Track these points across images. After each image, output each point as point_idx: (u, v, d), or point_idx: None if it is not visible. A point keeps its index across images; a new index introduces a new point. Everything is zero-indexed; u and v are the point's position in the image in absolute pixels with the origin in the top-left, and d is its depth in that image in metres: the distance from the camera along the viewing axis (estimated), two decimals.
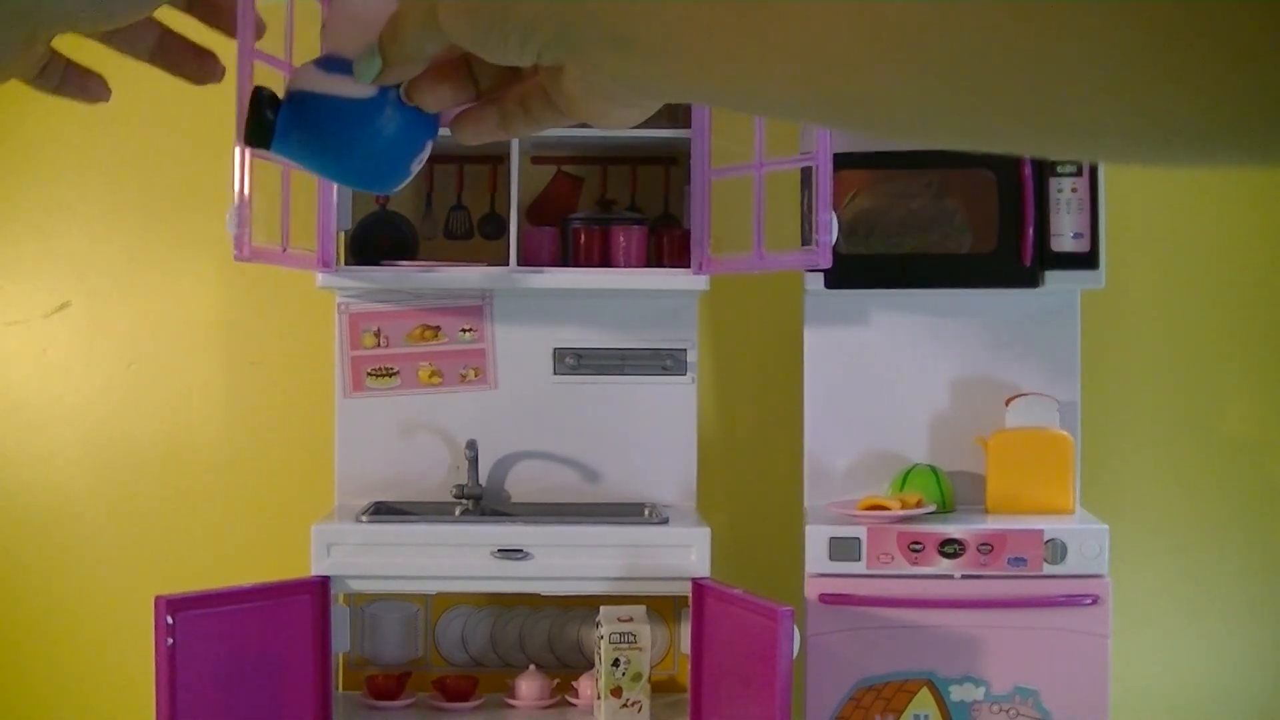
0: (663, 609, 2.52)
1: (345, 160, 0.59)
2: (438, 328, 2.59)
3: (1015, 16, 0.32)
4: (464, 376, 2.60)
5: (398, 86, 0.57)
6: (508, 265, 2.47)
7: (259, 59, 2.05)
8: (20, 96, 2.82)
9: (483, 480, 2.55)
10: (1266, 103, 0.30)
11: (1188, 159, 0.34)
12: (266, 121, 0.58)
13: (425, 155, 0.60)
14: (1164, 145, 0.33)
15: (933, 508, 2.41)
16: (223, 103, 1.88)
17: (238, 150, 2.19)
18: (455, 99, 0.58)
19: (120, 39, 0.61)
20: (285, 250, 2.31)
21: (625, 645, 2.35)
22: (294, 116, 0.59)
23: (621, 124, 0.53)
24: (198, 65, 0.64)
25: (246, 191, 2.11)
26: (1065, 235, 2.47)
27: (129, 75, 0.74)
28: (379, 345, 2.59)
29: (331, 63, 0.58)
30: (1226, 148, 0.33)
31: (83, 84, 0.64)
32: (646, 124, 0.69)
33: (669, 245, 2.58)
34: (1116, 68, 0.31)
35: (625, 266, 2.51)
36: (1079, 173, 2.46)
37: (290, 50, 2.47)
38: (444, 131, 0.58)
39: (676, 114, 2.50)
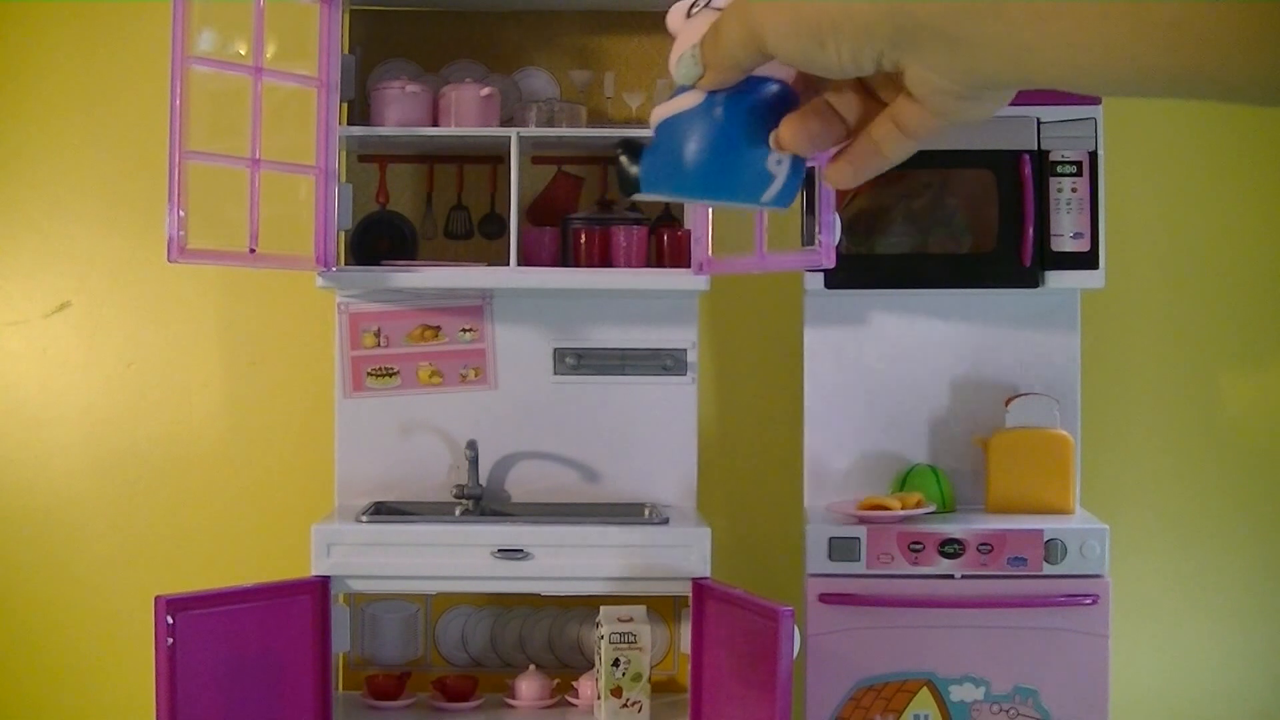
0: (663, 609, 2.52)
1: (696, 172, 0.58)
2: (438, 328, 2.59)
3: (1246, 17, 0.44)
4: (464, 376, 2.60)
5: (730, 94, 0.58)
6: (508, 265, 2.46)
7: (199, 63, 2.05)
8: (20, 97, 2.82)
9: (483, 480, 2.55)
10: None
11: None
12: (628, 173, 0.60)
13: (784, 158, 0.59)
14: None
15: (933, 508, 2.41)
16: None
17: (171, 153, 2.22)
18: (826, 137, 0.59)
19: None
20: (253, 252, 2.31)
21: (625, 645, 2.35)
22: (650, 153, 0.59)
23: (978, 118, 0.56)
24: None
25: (179, 193, 2.14)
26: (1065, 235, 2.47)
27: (129, 75, 0.74)
28: (379, 345, 2.59)
29: (673, 91, 0.60)
30: None
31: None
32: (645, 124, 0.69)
33: (669, 245, 2.58)
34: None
35: (625, 266, 2.51)
36: (1079, 173, 2.46)
37: (259, 52, 2.47)
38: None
39: None
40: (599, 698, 2.37)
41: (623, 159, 0.60)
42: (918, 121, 0.56)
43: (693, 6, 0.60)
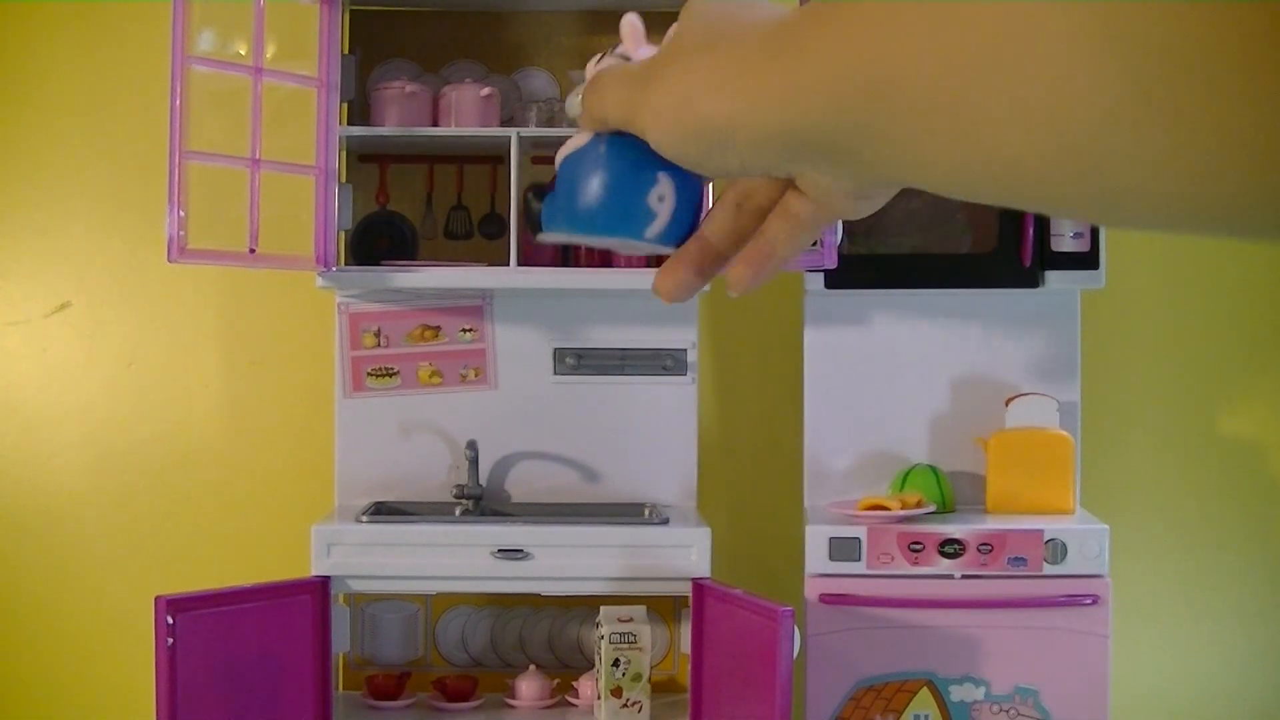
0: (663, 609, 2.52)
1: (582, 209, 0.59)
2: (438, 328, 2.59)
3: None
4: (464, 376, 2.60)
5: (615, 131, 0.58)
6: (508, 265, 2.46)
7: (199, 63, 2.05)
8: (20, 96, 2.82)
9: (483, 480, 2.55)
10: None
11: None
12: (533, 210, 0.61)
13: (666, 191, 0.59)
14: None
15: (933, 508, 2.41)
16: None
17: (171, 153, 2.22)
18: (699, 279, 0.59)
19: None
20: (253, 252, 2.31)
21: (625, 645, 2.35)
22: (550, 194, 0.60)
23: (866, 213, 0.55)
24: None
25: (179, 193, 2.14)
26: (1065, 235, 2.47)
27: (129, 75, 0.74)
28: (379, 345, 2.59)
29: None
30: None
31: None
32: None
33: None
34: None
35: (625, 266, 2.51)
36: None
37: (259, 52, 2.47)
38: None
39: None
40: (599, 698, 2.37)
41: (530, 200, 0.61)
42: (811, 215, 0.56)
43: (602, 56, 0.61)
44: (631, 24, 0.61)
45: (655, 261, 2.70)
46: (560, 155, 0.60)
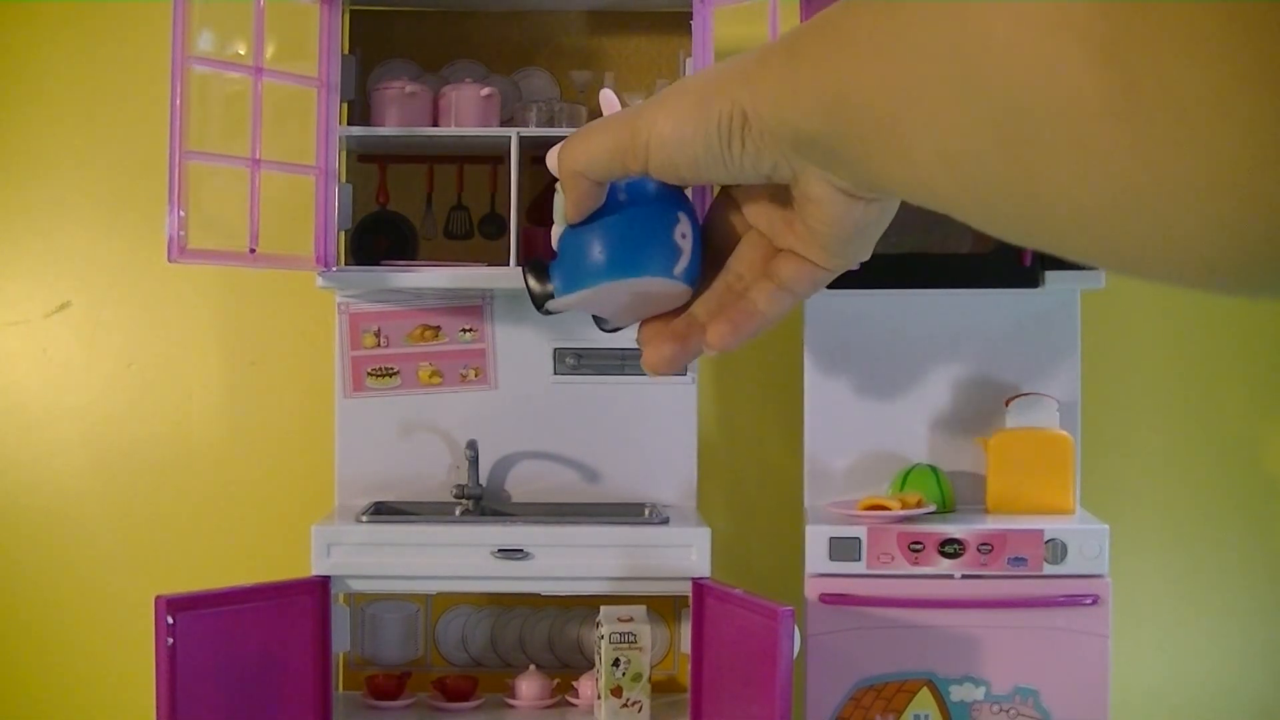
0: (663, 609, 2.52)
1: (609, 256, 0.59)
2: (438, 328, 2.59)
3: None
4: (464, 376, 2.60)
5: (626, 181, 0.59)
6: (508, 265, 2.46)
7: (199, 63, 2.05)
8: (20, 97, 2.82)
9: (483, 480, 2.55)
10: None
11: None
12: (535, 290, 0.61)
13: (687, 229, 0.60)
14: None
15: (933, 508, 2.41)
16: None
17: (171, 153, 2.22)
18: (683, 355, 0.61)
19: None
20: (253, 252, 2.31)
21: (625, 645, 2.35)
22: (558, 265, 0.61)
23: (853, 261, 0.56)
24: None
25: (179, 193, 2.13)
26: None
27: (129, 75, 0.74)
28: (379, 345, 2.59)
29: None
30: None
31: None
32: None
33: None
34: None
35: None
36: None
37: (259, 52, 2.47)
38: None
39: None
40: (599, 697, 2.37)
41: (529, 280, 0.60)
42: (794, 278, 0.57)
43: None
44: (608, 98, 0.63)
45: None
46: (555, 233, 0.60)
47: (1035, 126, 0.34)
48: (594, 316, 0.62)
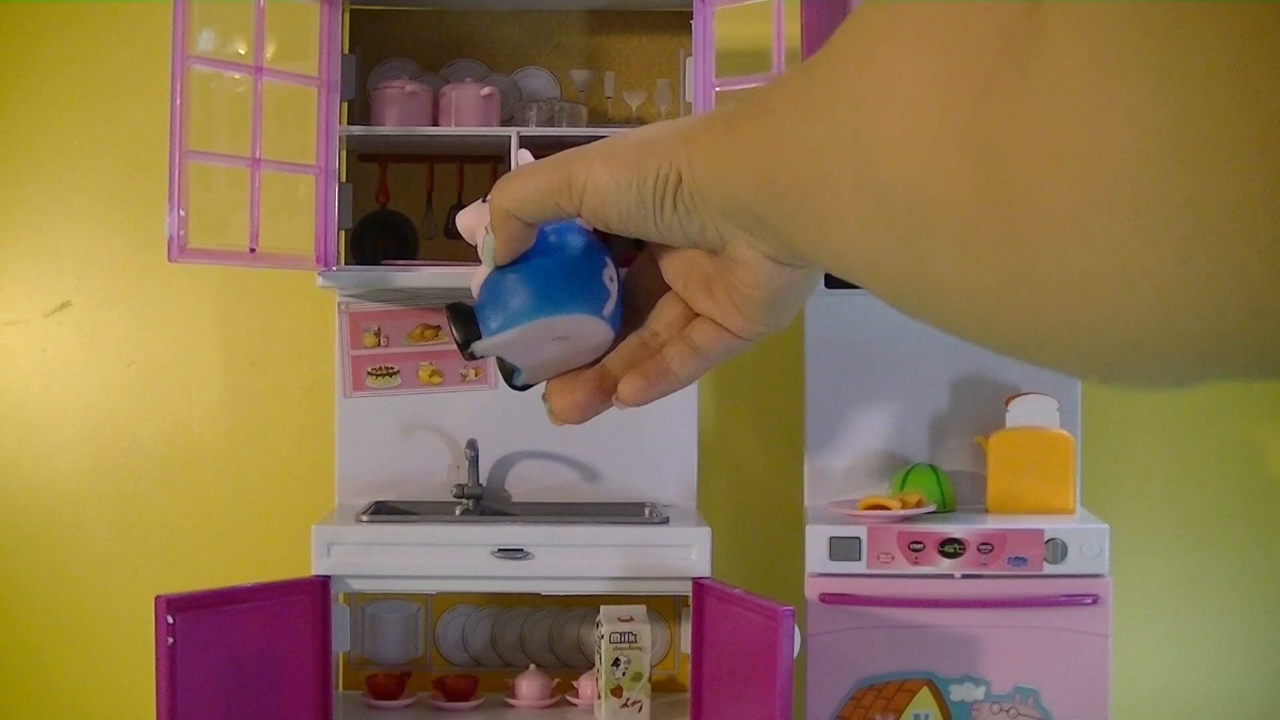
0: (663, 609, 2.52)
1: (536, 294, 0.59)
2: (438, 328, 2.59)
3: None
4: (464, 376, 2.60)
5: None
6: None
7: (199, 63, 2.05)
8: (20, 96, 2.82)
9: (483, 480, 2.55)
10: None
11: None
12: (459, 334, 0.60)
13: (613, 273, 0.61)
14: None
15: (933, 507, 2.41)
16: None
17: (171, 153, 2.22)
18: (597, 401, 0.61)
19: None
20: (253, 252, 2.31)
21: (625, 645, 2.35)
22: (482, 306, 0.60)
23: (771, 328, 0.57)
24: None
25: (179, 193, 2.13)
26: None
27: (129, 75, 0.74)
28: (379, 345, 2.59)
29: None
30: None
31: None
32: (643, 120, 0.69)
33: None
34: None
35: (625, 266, 2.51)
36: None
37: (259, 52, 2.47)
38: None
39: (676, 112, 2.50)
40: (599, 697, 2.37)
41: (452, 325, 0.60)
42: (709, 344, 0.58)
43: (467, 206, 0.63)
44: (525, 155, 0.63)
45: None
46: (476, 280, 0.60)
47: (924, 223, 0.35)
48: (503, 370, 0.61)
